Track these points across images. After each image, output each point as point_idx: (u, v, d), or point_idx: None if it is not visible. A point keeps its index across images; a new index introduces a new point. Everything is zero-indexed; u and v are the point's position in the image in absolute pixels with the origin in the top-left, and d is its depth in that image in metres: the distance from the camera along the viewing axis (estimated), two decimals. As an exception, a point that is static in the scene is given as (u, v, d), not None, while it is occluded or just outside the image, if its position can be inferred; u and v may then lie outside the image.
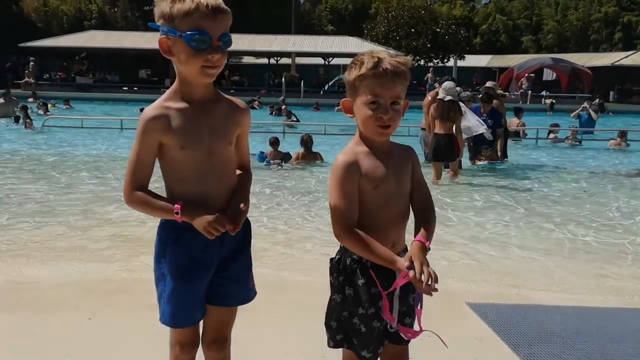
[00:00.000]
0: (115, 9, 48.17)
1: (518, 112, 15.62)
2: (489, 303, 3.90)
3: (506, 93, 20.21)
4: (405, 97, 1.98)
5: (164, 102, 2.01)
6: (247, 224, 2.16)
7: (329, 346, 2.09)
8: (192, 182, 2.02)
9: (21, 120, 15.21)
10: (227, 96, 2.14)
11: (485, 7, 57.87)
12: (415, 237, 1.96)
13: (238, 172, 2.20)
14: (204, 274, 2.08)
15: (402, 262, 1.87)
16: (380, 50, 2.03)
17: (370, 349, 2.00)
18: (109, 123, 16.62)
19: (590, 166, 11.42)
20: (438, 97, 8.68)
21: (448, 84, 8.77)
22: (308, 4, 59.76)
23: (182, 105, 2.00)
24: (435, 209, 2.11)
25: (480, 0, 60.19)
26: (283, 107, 20.76)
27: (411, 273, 1.82)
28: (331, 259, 2.07)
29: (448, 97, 8.53)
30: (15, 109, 16.69)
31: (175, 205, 1.94)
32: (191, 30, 1.86)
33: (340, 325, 2.03)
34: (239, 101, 2.15)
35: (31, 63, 33.41)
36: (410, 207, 2.08)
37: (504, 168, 10.43)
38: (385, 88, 1.89)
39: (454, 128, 8.54)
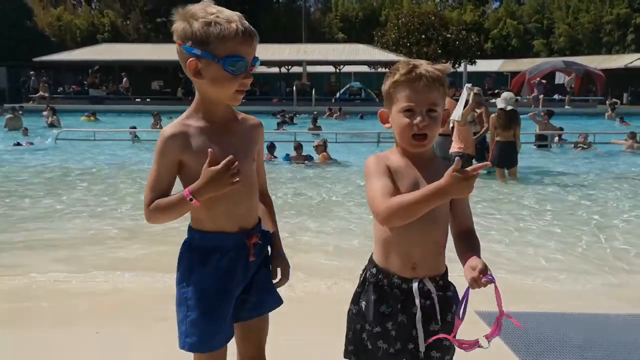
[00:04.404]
0: (128, 22, 48.68)
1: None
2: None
3: (518, 97, 20.03)
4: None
5: (183, 120, 1.95)
6: (268, 239, 2.15)
7: (344, 356, 2.05)
8: (222, 204, 1.93)
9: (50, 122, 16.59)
10: (240, 112, 2.09)
11: (495, 12, 57.59)
12: (465, 256, 1.83)
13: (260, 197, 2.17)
14: (229, 297, 2.00)
15: (447, 177, 1.64)
16: (418, 59, 1.93)
17: None
18: (120, 135, 16.72)
19: (600, 170, 11.33)
20: (499, 107, 9.35)
21: (507, 94, 9.52)
22: (318, 12, 60.01)
23: (203, 124, 1.94)
24: None
25: (490, 4, 59.97)
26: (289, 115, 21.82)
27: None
28: (363, 269, 2.04)
29: (509, 107, 9.22)
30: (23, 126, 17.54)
31: (185, 193, 1.84)
32: (229, 55, 1.83)
33: (353, 337, 2.00)
34: (251, 117, 2.12)
35: (32, 78, 33.72)
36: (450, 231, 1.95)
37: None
38: (420, 94, 1.81)
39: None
